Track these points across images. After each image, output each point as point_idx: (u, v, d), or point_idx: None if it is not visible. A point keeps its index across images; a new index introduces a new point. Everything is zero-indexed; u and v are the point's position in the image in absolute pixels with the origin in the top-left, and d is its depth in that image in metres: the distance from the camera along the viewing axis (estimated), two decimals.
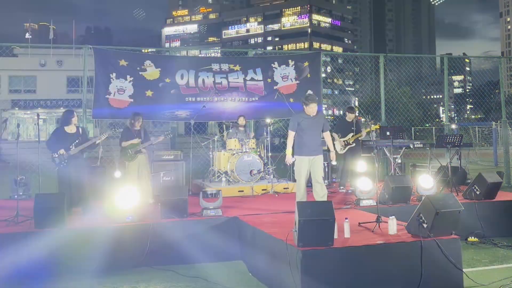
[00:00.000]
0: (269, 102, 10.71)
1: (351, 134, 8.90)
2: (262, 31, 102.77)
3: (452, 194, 5.09)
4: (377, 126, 9.02)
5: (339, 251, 4.45)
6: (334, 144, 7.18)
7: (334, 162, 6.69)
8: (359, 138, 9.00)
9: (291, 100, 10.64)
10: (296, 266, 4.34)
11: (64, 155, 6.68)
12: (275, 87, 10.76)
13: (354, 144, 8.89)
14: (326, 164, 10.05)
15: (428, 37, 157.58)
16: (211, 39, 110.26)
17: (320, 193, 6.42)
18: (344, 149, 8.93)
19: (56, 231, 5.48)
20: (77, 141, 6.79)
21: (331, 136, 9.31)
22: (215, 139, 9.87)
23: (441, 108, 61.77)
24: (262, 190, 8.69)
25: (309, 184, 6.71)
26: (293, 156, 6.58)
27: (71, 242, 5.47)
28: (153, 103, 9.92)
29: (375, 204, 6.57)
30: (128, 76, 9.77)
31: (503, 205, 7.17)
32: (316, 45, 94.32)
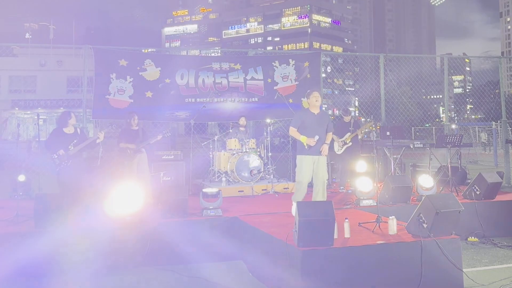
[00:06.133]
0: (269, 103, 10.71)
1: (348, 134, 8.91)
2: (262, 31, 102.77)
3: (452, 194, 5.09)
4: (369, 126, 9.00)
5: (339, 251, 4.45)
6: (332, 145, 7.11)
7: (325, 154, 6.29)
8: (359, 137, 9.00)
9: (291, 100, 10.64)
10: (296, 266, 4.34)
11: (64, 156, 6.68)
12: (275, 88, 10.76)
13: (351, 144, 8.90)
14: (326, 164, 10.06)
15: (428, 37, 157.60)
16: (211, 39, 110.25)
17: (321, 197, 6.15)
18: (341, 149, 8.94)
19: (56, 231, 5.48)
20: (75, 141, 6.80)
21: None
22: (215, 139, 9.87)
23: (441, 108, 61.81)
24: (262, 190, 8.69)
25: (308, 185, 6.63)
26: (297, 155, 6.27)
27: (71, 242, 5.47)
28: (153, 104, 9.92)
29: (375, 204, 6.57)
30: (128, 77, 9.77)
31: (503, 205, 7.18)
32: (316, 45, 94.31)
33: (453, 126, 13.77)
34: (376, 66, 11.98)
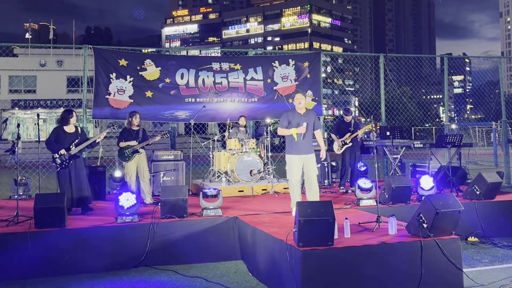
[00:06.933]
0: (268, 103, 10.72)
1: (348, 134, 8.91)
2: (262, 31, 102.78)
3: (452, 194, 5.09)
4: (370, 126, 8.99)
5: (339, 251, 4.45)
6: (332, 145, 7.14)
7: (323, 158, 6.42)
8: (358, 137, 8.99)
9: (290, 100, 10.61)
10: (296, 266, 4.34)
11: (65, 155, 6.68)
12: (274, 88, 10.77)
13: (351, 144, 8.90)
14: (326, 164, 10.06)
15: (428, 37, 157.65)
16: (211, 39, 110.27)
17: (314, 195, 6.19)
18: (341, 148, 8.94)
19: (56, 231, 5.48)
20: (76, 140, 6.80)
21: (330, 137, 9.34)
22: (215, 139, 9.86)
23: (441, 108, 61.85)
24: (262, 190, 8.69)
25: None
26: (285, 155, 6.38)
27: (71, 242, 5.48)
28: (153, 103, 9.92)
29: (375, 204, 6.57)
30: (128, 77, 9.77)
31: (503, 205, 7.17)
32: (316, 45, 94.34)
33: (453, 126, 13.78)
34: (376, 66, 11.99)
